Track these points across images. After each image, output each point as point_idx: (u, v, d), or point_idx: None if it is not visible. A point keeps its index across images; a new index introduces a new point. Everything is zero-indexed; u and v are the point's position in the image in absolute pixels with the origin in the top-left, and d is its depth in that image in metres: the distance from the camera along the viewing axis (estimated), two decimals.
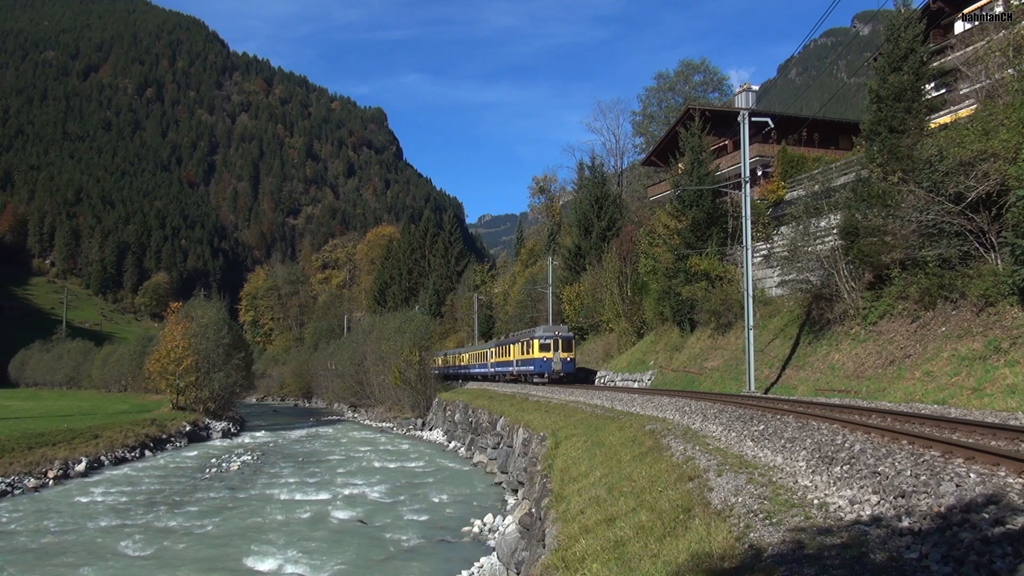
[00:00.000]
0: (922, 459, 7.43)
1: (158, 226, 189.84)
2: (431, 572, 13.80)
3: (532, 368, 39.63)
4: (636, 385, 34.65)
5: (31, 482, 24.01)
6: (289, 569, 14.07)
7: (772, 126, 27.20)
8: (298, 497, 21.78)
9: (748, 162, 25.10)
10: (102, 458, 29.25)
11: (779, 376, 24.97)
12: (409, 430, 45.47)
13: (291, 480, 25.43)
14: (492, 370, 50.51)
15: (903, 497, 6.18)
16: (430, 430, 43.45)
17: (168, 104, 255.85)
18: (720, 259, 32.38)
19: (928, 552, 4.96)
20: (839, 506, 6.52)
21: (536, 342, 39.18)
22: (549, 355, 38.73)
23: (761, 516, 6.56)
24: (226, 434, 43.75)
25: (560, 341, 39.08)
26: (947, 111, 23.46)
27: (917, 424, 11.01)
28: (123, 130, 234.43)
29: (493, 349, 49.98)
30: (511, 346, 44.78)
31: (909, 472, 6.86)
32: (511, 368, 44.83)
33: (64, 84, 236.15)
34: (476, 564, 13.85)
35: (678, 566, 6.10)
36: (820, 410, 14.07)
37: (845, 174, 25.74)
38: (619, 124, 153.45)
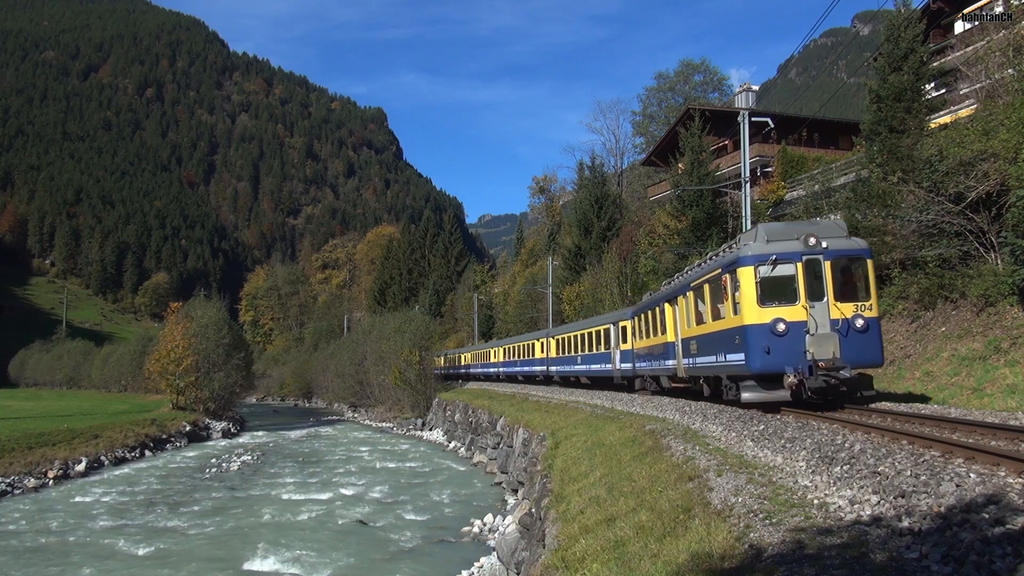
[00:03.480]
0: (922, 459, 7.43)
1: (158, 226, 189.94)
2: (431, 572, 13.80)
3: (741, 361, 13.50)
4: None
5: (31, 482, 24.03)
6: (289, 569, 14.07)
7: (772, 126, 27.25)
8: (298, 497, 21.78)
9: (748, 162, 25.10)
10: (102, 458, 29.26)
11: None
12: (409, 430, 45.46)
13: (291, 480, 25.43)
14: (624, 367, 25.67)
15: (903, 497, 6.18)
16: (430, 430, 43.44)
17: (168, 104, 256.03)
18: None
19: (928, 552, 4.95)
20: (839, 506, 6.52)
21: (748, 274, 13.18)
22: (797, 313, 12.89)
23: (761, 516, 6.56)
24: (226, 434, 43.76)
25: (830, 265, 13.05)
26: (947, 111, 23.47)
27: (917, 424, 11.01)
28: (123, 130, 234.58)
29: (629, 323, 24.95)
30: (667, 309, 19.30)
31: (909, 472, 6.86)
32: (668, 363, 19.30)
33: (64, 84, 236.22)
34: (476, 564, 13.86)
35: (678, 566, 6.10)
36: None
37: (845, 174, 25.76)
38: (619, 124, 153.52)
